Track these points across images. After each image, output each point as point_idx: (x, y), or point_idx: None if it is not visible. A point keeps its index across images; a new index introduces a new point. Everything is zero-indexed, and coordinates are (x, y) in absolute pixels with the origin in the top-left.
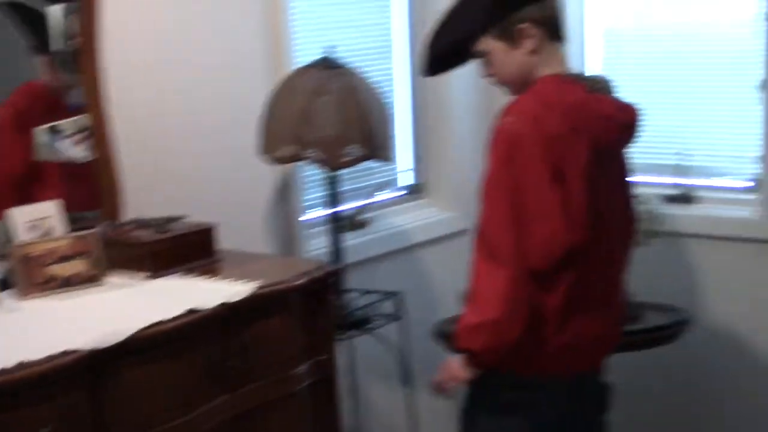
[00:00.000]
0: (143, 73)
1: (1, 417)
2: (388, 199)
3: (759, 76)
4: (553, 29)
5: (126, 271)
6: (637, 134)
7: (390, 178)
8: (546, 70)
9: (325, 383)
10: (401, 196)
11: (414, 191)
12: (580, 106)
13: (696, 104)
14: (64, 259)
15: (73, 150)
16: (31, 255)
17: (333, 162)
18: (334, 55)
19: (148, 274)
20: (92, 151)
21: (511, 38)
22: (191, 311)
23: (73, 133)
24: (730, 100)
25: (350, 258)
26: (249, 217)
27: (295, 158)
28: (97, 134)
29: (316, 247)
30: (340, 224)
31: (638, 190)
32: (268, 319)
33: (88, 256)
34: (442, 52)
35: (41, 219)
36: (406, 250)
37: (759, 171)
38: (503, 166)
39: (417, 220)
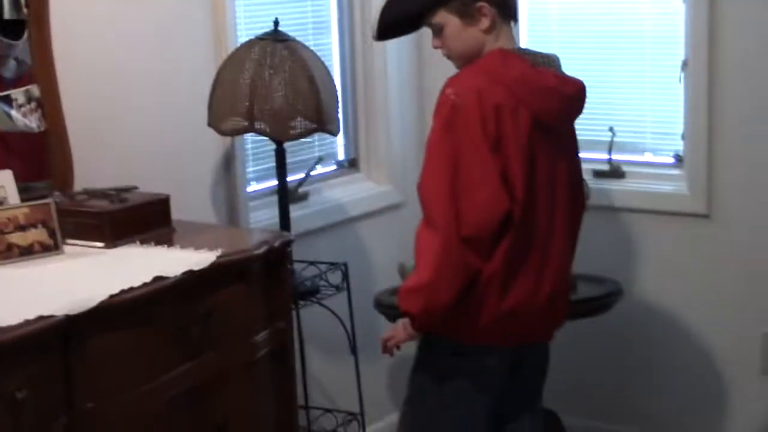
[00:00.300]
0: (89, 47)
1: None
2: (326, 172)
3: (681, 55)
4: (506, 10)
5: (82, 241)
6: (582, 107)
7: (328, 151)
8: (495, 47)
9: (282, 351)
10: (337, 169)
11: (350, 165)
12: (523, 78)
13: (623, 83)
14: (22, 228)
15: (25, 120)
16: None
17: (282, 134)
18: (280, 28)
19: (106, 243)
20: (43, 121)
21: (469, 15)
22: (158, 278)
23: (24, 103)
24: (656, 79)
25: (292, 230)
26: (194, 188)
27: (243, 130)
28: (48, 105)
29: (260, 218)
30: (286, 196)
31: None
32: (228, 287)
33: (46, 225)
34: (398, 20)
35: None
36: (344, 223)
37: (682, 147)
38: (443, 134)
39: (353, 193)
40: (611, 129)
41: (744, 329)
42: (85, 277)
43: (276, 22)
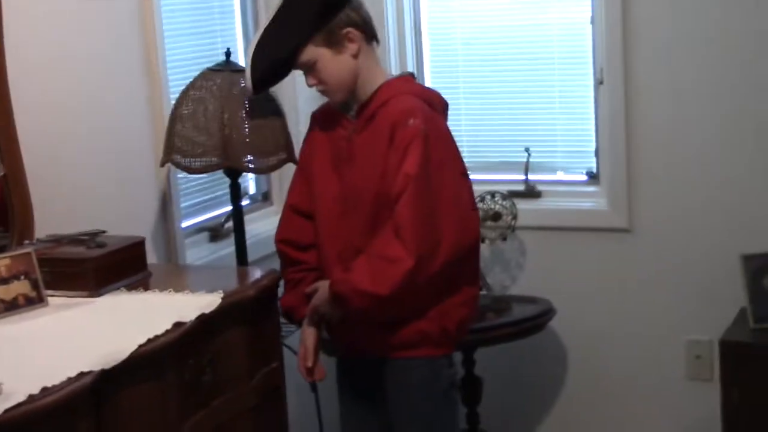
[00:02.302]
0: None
1: None
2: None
3: (589, 73)
4: (370, 32)
5: (61, 290)
6: None
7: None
8: (373, 71)
9: (276, 391)
10: (250, 204)
11: (264, 198)
12: (439, 100)
13: (536, 104)
14: (5, 281)
15: None
16: None
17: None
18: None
19: (90, 291)
20: (1, 165)
21: (337, 43)
22: (177, 324)
23: None
24: (565, 99)
25: None
26: (132, 226)
27: (216, 167)
28: (6, 147)
29: (194, 256)
30: (242, 230)
31: (488, 188)
32: (231, 329)
33: (28, 276)
34: (269, 69)
35: None
36: (267, 259)
37: (595, 164)
38: (423, 166)
39: (269, 228)
40: (527, 149)
41: (669, 337)
42: (98, 329)
43: (228, 53)
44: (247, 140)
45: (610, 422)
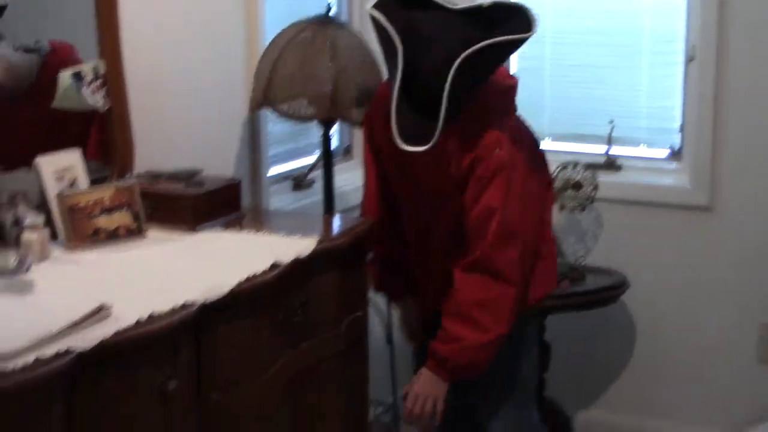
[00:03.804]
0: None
1: (130, 373)
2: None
3: (682, 50)
4: None
5: (161, 225)
6: None
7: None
8: None
9: (359, 340)
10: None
11: (345, 153)
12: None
13: (623, 78)
14: (108, 210)
15: (93, 98)
16: (77, 206)
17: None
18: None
19: (189, 227)
20: (107, 99)
21: None
22: (274, 265)
23: (92, 80)
24: (656, 75)
25: None
26: (221, 170)
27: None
28: (113, 82)
29: (280, 203)
30: (331, 180)
31: (569, 158)
32: (323, 275)
33: (130, 208)
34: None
35: (66, 169)
36: (346, 212)
37: (679, 141)
38: (509, 198)
39: (349, 181)
40: (611, 121)
41: (742, 320)
42: (198, 263)
43: (329, 7)
44: (348, 93)
45: (677, 402)
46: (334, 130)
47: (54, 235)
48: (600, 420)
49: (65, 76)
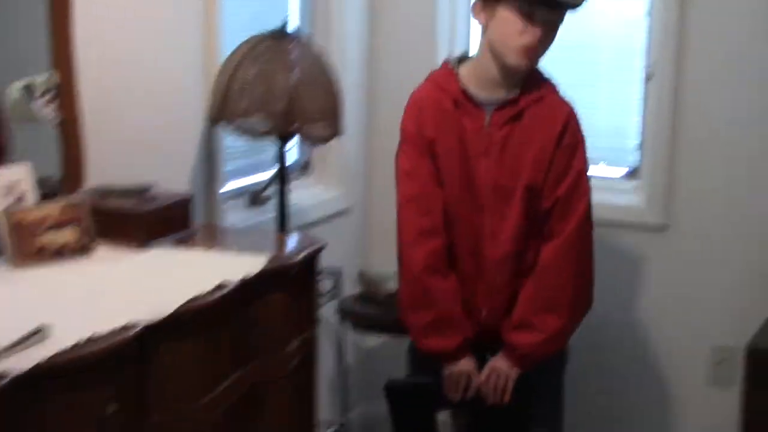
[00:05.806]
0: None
1: (67, 396)
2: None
3: (641, 68)
4: None
5: (110, 241)
6: None
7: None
8: None
9: (308, 362)
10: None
11: (303, 168)
12: None
13: (581, 95)
14: (55, 227)
15: (44, 111)
16: (23, 222)
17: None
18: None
19: (138, 244)
20: (59, 112)
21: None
22: (221, 285)
23: (44, 92)
24: (613, 92)
25: None
26: (176, 184)
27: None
28: (66, 94)
29: (234, 219)
30: (284, 200)
31: None
32: (272, 294)
33: (78, 225)
34: None
35: (13, 183)
36: (300, 229)
37: (635, 160)
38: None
39: (306, 198)
40: None
41: (695, 341)
42: (142, 282)
43: (285, 23)
44: (306, 108)
45: (626, 422)
46: (292, 146)
47: None
48: None
49: (14, 89)
